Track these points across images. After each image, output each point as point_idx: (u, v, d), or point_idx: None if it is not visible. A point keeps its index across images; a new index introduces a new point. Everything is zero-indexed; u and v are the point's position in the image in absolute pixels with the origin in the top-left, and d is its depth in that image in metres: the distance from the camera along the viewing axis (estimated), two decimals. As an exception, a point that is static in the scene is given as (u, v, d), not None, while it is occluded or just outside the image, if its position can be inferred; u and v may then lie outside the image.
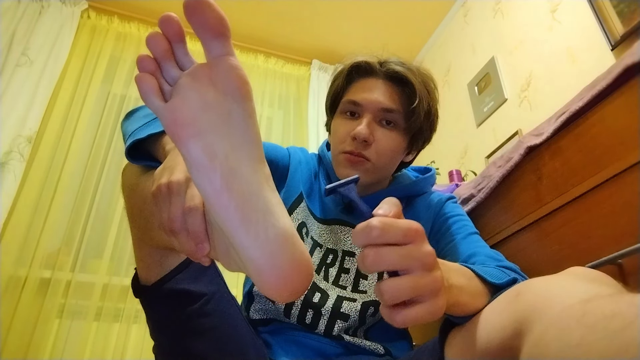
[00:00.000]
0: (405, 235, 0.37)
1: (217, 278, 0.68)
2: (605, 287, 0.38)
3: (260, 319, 0.76)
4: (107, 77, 2.06)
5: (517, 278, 0.55)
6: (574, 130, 0.82)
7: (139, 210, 0.58)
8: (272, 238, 0.36)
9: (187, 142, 0.37)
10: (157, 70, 0.39)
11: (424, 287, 0.37)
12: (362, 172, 0.77)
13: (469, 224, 0.79)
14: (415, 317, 0.37)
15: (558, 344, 0.30)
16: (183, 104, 0.38)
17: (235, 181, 0.37)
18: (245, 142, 0.39)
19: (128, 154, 0.60)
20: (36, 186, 1.71)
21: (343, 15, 2.29)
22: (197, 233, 0.42)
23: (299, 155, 0.89)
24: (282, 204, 0.40)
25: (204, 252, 0.42)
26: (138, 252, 0.62)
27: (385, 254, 0.37)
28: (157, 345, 0.67)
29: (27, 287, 1.54)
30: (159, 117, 0.39)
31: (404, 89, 0.79)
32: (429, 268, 0.38)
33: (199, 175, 0.37)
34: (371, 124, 0.77)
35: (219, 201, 0.37)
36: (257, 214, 0.37)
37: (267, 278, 0.37)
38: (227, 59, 0.38)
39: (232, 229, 0.37)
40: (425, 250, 0.38)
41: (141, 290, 0.63)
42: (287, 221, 0.38)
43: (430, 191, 0.89)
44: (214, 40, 0.37)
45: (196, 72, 0.39)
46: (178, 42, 0.40)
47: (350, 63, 0.84)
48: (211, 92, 0.38)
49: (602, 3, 1.36)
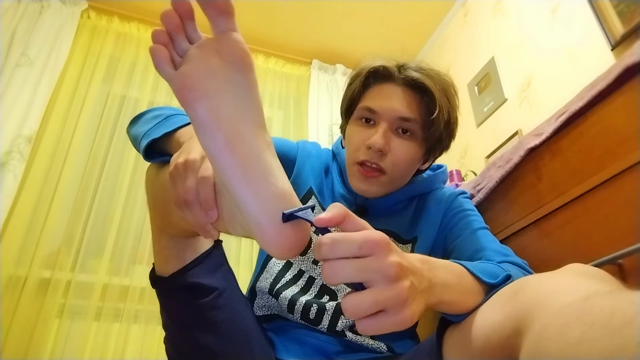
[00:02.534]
0: (361, 247, 0.37)
1: (230, 275, 0.71)
2: (603, 284, 0.38)
3: (263, 316, 0.76)
4: (107, 77, 2.06)
5: (512, 275, 0.54)
6: (574, 130, 0.82)
7: (159, 199, 0.61)
8: (271, 196, 0.40)
9: (194, 103, 0.41)
10: (169, 43, 0.44)
11: (386, 301, 0.37)
12: (375, 185, 0.77)
13: (478, 218, 0.79)
14: (379, 328, 0.38)
15: (558, 342, 0.30)
16: (191, 70, 0.42)
17: (238, 142, 0.41)
18: (248, 108, 0.42)
19: (145, 154, 0.63)
20: (36, 186, 1.71)
21: (343, 15, 2.29)
22: (207, 200, 0.46)
23: (308, 149, 0.89)
24: (282, 169, 0.43)
25: (213, 218, 0.46)
26: (157, 245, 0.66)
27: (340, 268, 0.37)
28: (168, 336, 0.70)
29: (27, 287, 1.54)
30: (170, 82, 0.43)
31: (423, 97, 0.77)
32: (393, 280, 0.37)
33: (204, 135, 0.41)
34: (387, 133, 0.75)
35: (222, 159, 0.40)
36: (258, 173, 0.40)
37: (267, 232, 0.40)
38: (232, 34, 0.42)
39: (235, 185, 0.40)
40: (387, 262, 0.37)
41: (158, 281, 0.66)
42: (286, 183, 0.42)
43: (441, 187, 0.89)
44: (220, 17, 0.42)
45: (204, 45, 0.44)
46: (188, 19, 0.44)
47: (368, 67, 0.80)
48: (217, 61, 0.42)
49: (602, 3, 1.36)
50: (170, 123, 0.63)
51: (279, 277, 0.77)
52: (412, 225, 0.83)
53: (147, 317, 1.62)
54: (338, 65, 2.49)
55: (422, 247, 0.80)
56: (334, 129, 2.31)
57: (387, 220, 0.82)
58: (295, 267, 0.78)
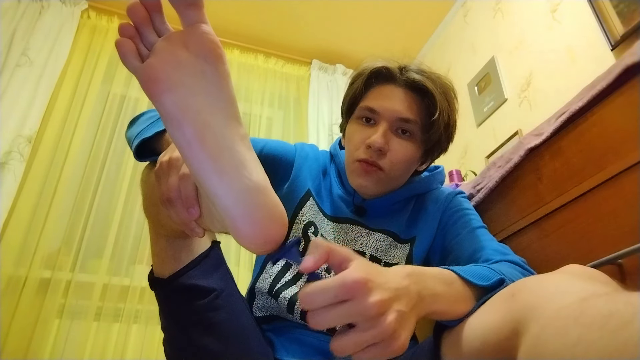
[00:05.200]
0: (337, 295, 0.38)
1: (227, 276, 0.71)
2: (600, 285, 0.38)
3: (263, 317, 0.76)
4: (107, 77, 2.05)
5: (505, 277, 0.55)
6: (574, 130, 0.82)
7: (150, 200, 0.61)
8: (244, 188, 0.39)
9: (161, 96, 0.40)
10: (136, 36, 0.43)
11: (372, 339, 0.38)
12: (375, 181, 0.77)
13: (476, 217, 0.79)
14: (370, 359, 0.39)
15: (556, 343, 0.30)
16: (157, 62, 0.41)
17: (208, 134, 0.40)
18: (219, 100, 0.41)
19: (136, 154, 0.63)
20: (36, 186, 1.71)
21: (343, 15, 2.29)
22: (189, 198, 0.46)
23: (306, 151, 0.89)
24: (257, 162, 0.42)
25: (195, 216, 0.46)
26: (154, 247, 0.65)
27: (322, 318, 0.38)
28: (167, 337, 0.69)
29: (27, 287, 1.54)
30: (136, 76, 0.42)
31: (423, 99, 0.77)
32: (375, 319, 0.38)
33: (172, 128, 0.41)
34: (387, 133, 0.76)
35: (191, 152, 0.40)
36: (229, 166, 0.40)
37: (241, 226, 0.39)
38: (200, 26, 0.42)
39: (205, 179, 0.40)
40: (366, 304, 0.38)
41: (156, 282, 0.66)
42: (260, 176, 0.41)
43: (439, 187, 0.89)
44: (188, 9, 0.41)
45: (171, 37, 0.43)
46: (156, 12, 0.43)
47: (371, 68, 0.81)
48: (184, 53, 0.41)
49: (602, 3, 1.36)
50: (162, 123, 0.63)
51: (278, 277, 0.77)
52: (411, 225, 0.83)
53: (147, 317, 1.62)
54: (338, 65, 2.49)
55: (421, 246, 0.80)
56: (333, 129, 2.31)
57: (385, 220, 0.82)
58: (295, 267, 0.78)
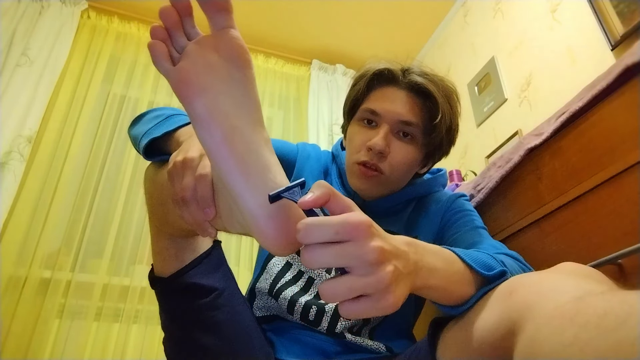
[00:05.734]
0: (338, 232, 0.36)
1: (229, 275, 0.71)
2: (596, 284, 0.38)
3: (263, 316, 0.76)
4: (107, 77, 2.06)
5: (507, 269, 0.52)
6: (574, 130, 0.82)
7: (157, 197, 0.61)
8: (269, 191, 0.39)
9: (192, 99, 0.41)
10: (167, 39, 0.44)
11: (365, 287, 0.36)
12: (375, 184, 0.77)
13: (476, 218, 0.79)
14: (360, 312, 0.37)
15: (551, 343, 0.30)
16: (189, 66, 0.42)
17: (236, 137, 0.41)
18: (246, 104, 0.43)
19: (144, 153, 0.63)
20: (36, 186, 1.71)
21: (343, 15, 2.29)
22: (205, 198, 0.46)
23: (308, 151, 0.89)
24: (279, 166, 0.43)
25: (210, 216, 0.46)
26: (155, 246, 0.65)
27: (316, 254, 0.36)
28: (168, 337, 0.69)
29: (27, 287, 1.54)
30: (168, 78, 0.43)
31: (425, 102, 0.77)
32: (373, 265, 0.36)
33: (201, 130, 0.41)
34: (388, 135, 0.76)
35: (219, 154, 0.40)
36: (255, 169, 0.40)
37: (264, 227, 0.40)
38: (230, 30, 0.43)
39: (232, 180, 0.40)
40: (366, 247, 0.36)
41: (157, 281, 0.66)
42: (284, 179, 0.42)
43: (440, 190, 0.89)
44: (218, 14, 0.42)
45: (202, 41, 0.44)
46: (187, 15, 0.45)
47: (373, 70, 0.81)
48: (214, 57, 0.43)
49: (602, 3, 1.36)
50: (171, 122, 0.63)
51: (278, 277, 0.77)
52: (412, 225, 0.83)
53: (147, 317, 1.62)
54: (338, 65, 2.49)
55: None
56: (334, 129, 2.31)
57: (385, 220, 0.82)
58: (295, 267, 0.78)
